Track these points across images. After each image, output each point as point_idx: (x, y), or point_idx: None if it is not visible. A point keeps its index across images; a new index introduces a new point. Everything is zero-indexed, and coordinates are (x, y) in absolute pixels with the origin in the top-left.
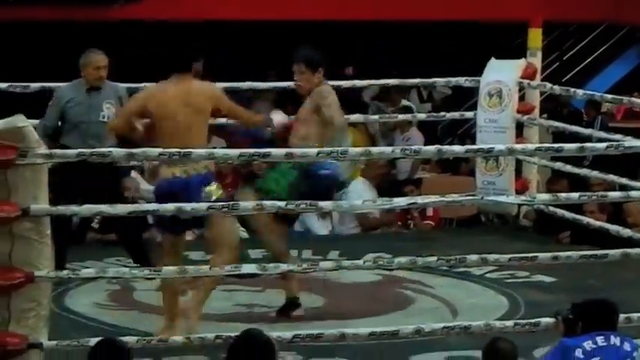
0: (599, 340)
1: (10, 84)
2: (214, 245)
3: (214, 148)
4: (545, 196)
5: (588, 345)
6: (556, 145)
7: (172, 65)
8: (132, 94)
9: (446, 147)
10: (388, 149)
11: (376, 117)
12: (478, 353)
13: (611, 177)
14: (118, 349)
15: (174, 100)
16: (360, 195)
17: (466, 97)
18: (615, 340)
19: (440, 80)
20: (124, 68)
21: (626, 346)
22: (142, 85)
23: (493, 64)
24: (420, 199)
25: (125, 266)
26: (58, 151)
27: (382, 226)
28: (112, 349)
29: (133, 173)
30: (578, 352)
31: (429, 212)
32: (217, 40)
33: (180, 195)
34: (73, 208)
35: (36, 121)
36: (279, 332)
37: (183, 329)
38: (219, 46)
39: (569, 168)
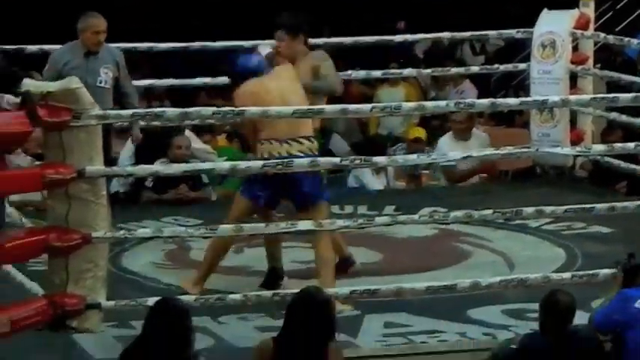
0: None
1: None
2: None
3: None
4: (600, 147)
5: None
6: (611, 95)
7: None
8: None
9: (500, 99)
10: (442, 103)
11: (428, 71)
12: (535, 306)
13: None
14: (176, 308)
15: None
16: (449, 149)
17: (519, 49)
18: None
19: (492, 33)
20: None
21: None
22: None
23: (546, 15)
24: (475, 152)
25: (181, 225)
26: (112, 112)
27: (468, 178)
28: (170, 308)
29: (187, 132)
30: (638, 304)
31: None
32: None
33: (284, 175)
34: (128, 169)
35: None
36: (336, 288)
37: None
38: None
39: (624, 118)
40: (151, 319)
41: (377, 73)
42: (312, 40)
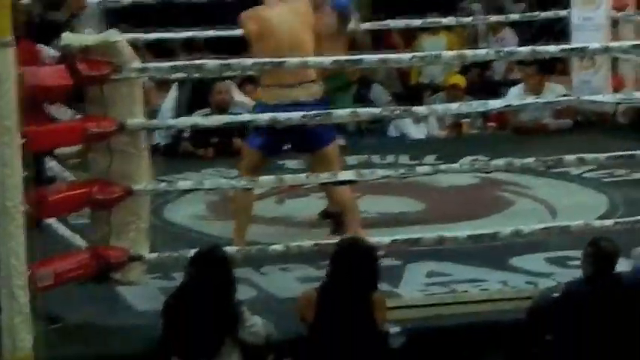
0: None
1: None
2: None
3: None
4: None
5: None
6: None
7: None
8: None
9: (540, 47)
10: (482, 52)
11: (469, 19)
12: (578, 253)
13: None
14: (217, 257)
15: (281, 17)
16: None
17: None
18: None
19: None
20: None
21: None
22: None
23: None
24: (515, 101)
25: (223, 177)
26: (152, 65)
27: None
28: (211, 257)
29: (228, 82)
30: None
31: None
32: None
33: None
34: (169, 121)
35: (131, 35)
36: (377, 237)
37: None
38: None
39: None
40: (192, 267)
41: (416, 22)
42: None
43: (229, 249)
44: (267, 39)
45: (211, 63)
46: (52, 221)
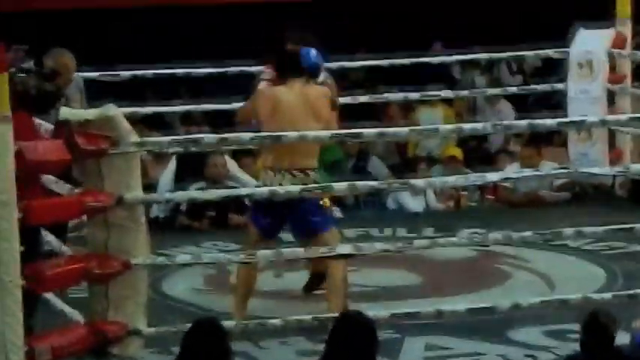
0: None
1: (100, 73)
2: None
3: None
4: (639, 167)
5: None
6: None
7: (287, 69)
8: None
9: (537, 120)
10: (479, 125)
11: (466, 92)
12: (577, 327)
13: None
14: (214, 329)
15: (292, 102)
16: None
17: (557, 67)
18: None
19: (529, 53)
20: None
21: None
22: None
23: (582, 34)
24: (513, 174)
25: (221, 251)
26: (150, 139)
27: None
28: (208, 329)
29: (226, 156)
30: None
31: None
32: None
33: (294, 203)
34: (166, 195)
35: (129, 109)
36: (375, 311)
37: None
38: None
39: None
40: (187, 340)
41: (414, 95)
42: (347, 63)
43: (227, 323)
44: (271, 119)
45: (209, 137)
46: (50, 295)
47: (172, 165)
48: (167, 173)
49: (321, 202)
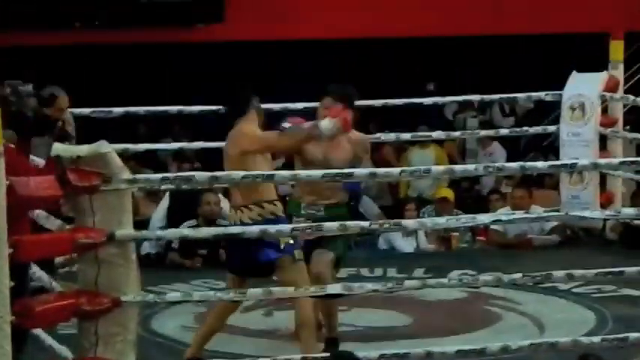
0: None
1: (93, 109)
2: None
3: None
4: (630, 211)
5: None
6: None
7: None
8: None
9: (529, 163)
10: (471, 167)
11: (457, 133)
12: None
13: None
14: None
15: None
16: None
17: (550, 110)
18: None
19: (521, 96)
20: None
21: None
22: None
23: (575, 77)
24: (504, 216)
25: (212, 289)
26: (142, 176)
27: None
28: None
29: (220, 195)
30: None
31: None
32: (295, 59)
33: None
34: (158, 232)
35: (121, 146)
36: (365, 352)
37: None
38: (298, 64)
39: None
40: None
41: (406, 136)
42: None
43: None
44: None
45: (200, 175)
46: (39, 331)
47: (165, 202)
48: (160, 210)
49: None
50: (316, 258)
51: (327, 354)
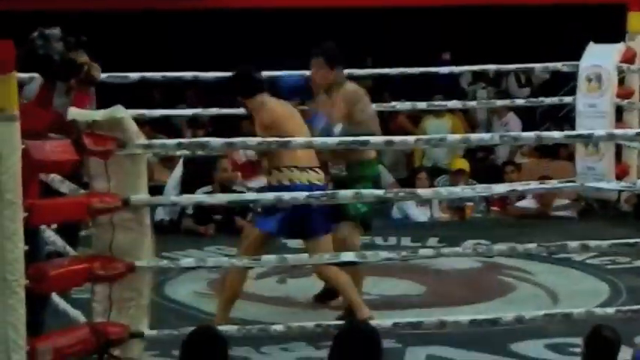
0: None
1: (109, 74)
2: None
3: None
4: None
5: None
6: None
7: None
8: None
9: (545, 133)
10: (487, 136)
11: (473, 103)
12: (579, 341)
13: None
14: (213, 337)
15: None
16: None
17: (565, 82)
18: None
19: (538, 65)
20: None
21: None
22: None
23: (592, 48)
24: (519, 186)
25: (225, 255)
26: (157, 142)
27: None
28: (207, 337)
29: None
30: None
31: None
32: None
33: (296, 207)
34: (172, 198)
35: (136, 111)
36: (378, 320)
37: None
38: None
39: None
40: (187, 348)
41: (422, 105)
42: (355, 71)
43: (229, 328)
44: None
45: (215, 141)
46: (53, 296)
47: (179, 170)
48: (174, 178)
49: None
50: (342, 223)
51: (342, 322)
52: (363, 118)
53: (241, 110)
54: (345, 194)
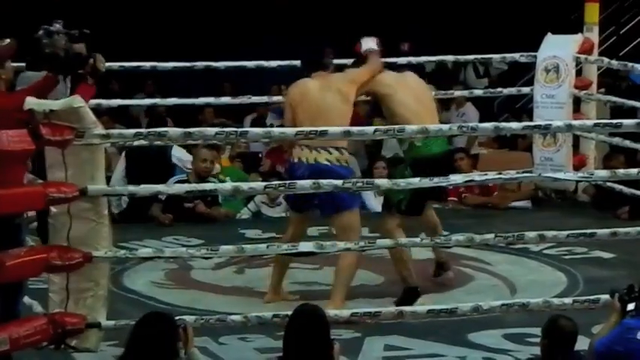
0: None
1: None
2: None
3: (272, 125)
4: (603, 173)
5: None
6: (614, 121)
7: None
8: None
9: (503, 124)
10: (445, 126)
11: (431, 93)
12: (536, 331)
13: None
14: (162, 322)
15: (313, 91)
16: None
17: (523, 73)
18: None
19: (496, 56)
20: None
21: None
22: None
23: (550, 39)
24: (477, 176)
25: (183, 245)
26: (115, 132)
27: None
28: (156, 322)
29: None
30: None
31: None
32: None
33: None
34: (130, 188)
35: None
36: (336, 310)
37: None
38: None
39: (627, 143)
40: (135, 332)
41: None
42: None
43: (188, 318)
44: (298, 109)
45: (174, 131)
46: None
47: (122, 163)
48: (118, 171)
49: None
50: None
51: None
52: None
53: (200, 100)
54: (303, 184)
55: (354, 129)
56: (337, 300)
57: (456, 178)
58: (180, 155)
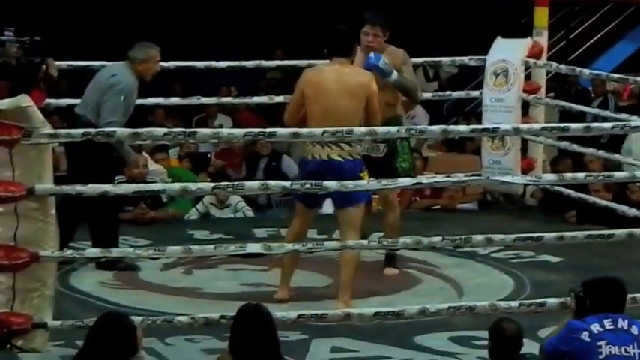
0: (607, 322)
1: None
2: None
3: (221, 126)
4: (550, 177)
5: (595, 327)
6: (562, 125)
7: (333, 48)
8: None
9: (451, 127)
10: (394, 129)
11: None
12: (483, 333)
13: (617, 157)
14: (120, 323)
15: (328, 81)
16: None
17: (472, 76)
18: (623, 324)
19: (445, 59)
20: None
21: (634, 330)
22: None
23: (499, 43)
24: (425, 179)
25: (130, 246)
26: (63, 131)
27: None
28: (114, 323)
29: (144, 154)
30: (585, 335)
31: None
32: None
33: (330, 177)
34: (78, 188)
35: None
36: (283, 312)
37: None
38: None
39: (575, 147)
40: (93, 332)
41: None
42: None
43: (134, 318)
44: (310, 100)
45: (122, 131)
46: None
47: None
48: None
49: (360, 175)
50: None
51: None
52: (412, 76)
53: (150, 100)
54: (251, 185)
55: (304, 131)
56: (347, 297)
57: (404, 181)
58: None
